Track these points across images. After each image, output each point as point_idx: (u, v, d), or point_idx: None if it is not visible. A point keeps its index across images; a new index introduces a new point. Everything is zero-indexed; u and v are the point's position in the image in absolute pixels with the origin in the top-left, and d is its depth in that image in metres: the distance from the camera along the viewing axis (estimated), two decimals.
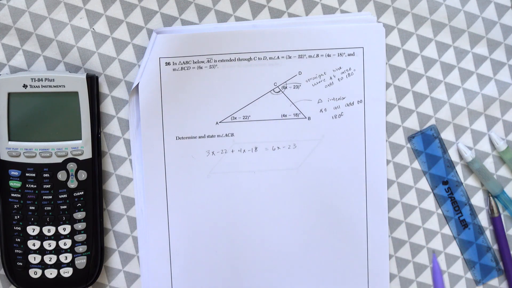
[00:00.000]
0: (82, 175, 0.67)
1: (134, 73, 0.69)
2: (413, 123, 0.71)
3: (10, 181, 0.66)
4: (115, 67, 0.68)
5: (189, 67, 0.68)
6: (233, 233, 0.70)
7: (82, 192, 0.67)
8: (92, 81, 0.66)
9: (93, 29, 0.68)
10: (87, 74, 0.66)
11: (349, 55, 0.69)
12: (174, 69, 0.68)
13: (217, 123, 0.69)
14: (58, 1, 0.68)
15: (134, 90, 0.68)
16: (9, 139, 0.66)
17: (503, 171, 0.73)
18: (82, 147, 0.67)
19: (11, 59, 0.68)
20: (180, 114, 0.68)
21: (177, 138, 0.69)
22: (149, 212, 0.69)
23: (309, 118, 0.70)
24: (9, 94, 0.65)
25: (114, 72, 0.69)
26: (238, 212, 0.70)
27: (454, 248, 0.73)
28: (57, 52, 0.68)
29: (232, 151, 0.69)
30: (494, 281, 0.73)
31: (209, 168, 0.69)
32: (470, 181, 0.72)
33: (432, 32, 0.71)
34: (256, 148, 0.70)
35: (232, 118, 0.69)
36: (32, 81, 0.65)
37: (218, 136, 0.69)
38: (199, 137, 0.69)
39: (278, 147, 0.70)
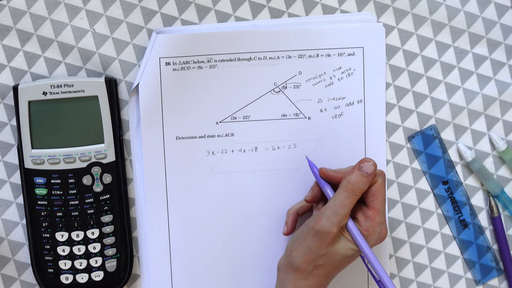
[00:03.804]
0: (107, 178, 0.67)
1: (134, 73, 0.69)
2: (413, 123, 0.71)
3: (36, 189, 0.67)
4: (115, 67, 0.69)
5: (189, 67, 0.68)
6: (233, 233, 0.70)
7: (108, 195, 0.67)
8: (111, 84, 0.67)
9: (93, 29, 0.68)
10: (105, 77, 0.67)
11: (349, 55, 0.69)
12: (174, 69, 0.68)
13: (217, 123, 0.69)
14: (58, 2, 0.68)
15: (134, 90, 0.68)
16: (32, 147, 0.66)
17: (503, 171, 0.73)
18: (105, 151, 0.67)
19: (11, 60, 0.68)
20: (180, 114, 0.68)
21: (177, 138, 0.69)
22: (149, 212, 0.69)
23: (309, 118, 0.70)
24: (29, 102, 0.66)
25: (114, 72, 0.69)
26: (238, 212, 0.70)
27: (454, 248, 0.72)
28: (57, 53, 0.68)
29: (232, 151, 0.69)
30: (494, 281, 0.73)
31: (209, 168, 0.69)
32: (470, 181, 0.72)
33: (432, 32, 0.71)
34: (256, 148, 0.70)
35: (232, 118, 0.69)
36: (51, 88, 0.65)
37: (218, 136, 0.69)
38: (199, 137, 0.69)
39: (278, 147, 0.70)
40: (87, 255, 0.68)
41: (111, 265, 0.68)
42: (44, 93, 0.66)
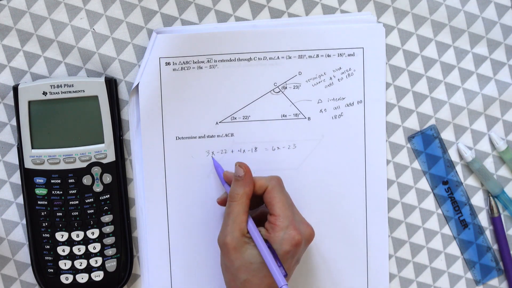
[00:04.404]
0: (107, 178, 0.67)
1: (134, 73, 0.69)
2: (413, 123, 0.71)
3: (36, 189, 0.67)
4: (115, 67, 0.69)
5: (189, 67, 0.68)
6: None
7: (108, 195, 0.67)
8: (111, 84, 0.67)
9: (93, 29, 0.68)
10: (105, 77, 0.67)
11: (349, 55, 0.69)
12: (174, 69, 0.68)
13: (217, 123, 0.69)
14: (58, 2, 0.68)
15: (134, 90, 0.68)
16: (32, 147, 0.66)
17: (503, 171, 0.73)
18: (105, 151, 0.67)
19: (11, 60, 0.68)
20: (180, 114, 0.68)
21: (177, 138, 0.69)
22: (149, 212, 0.69)
23: (309, 118, 0.70)
24: (29, 102, 0.66)
25: (114, 72, 0.69)
26: None
27: (454, 248, 0.72)
28: (57, 53, 0.68)
29: (232, 151, 0.69)
30: (494, 281, 0.73)
31: (209, 168, 0.69)
32: (470, 181, 0.72)
33: (432, 32, 0.71)
34: (256, 148, 0.70)
35: (232, 118, 0.69)
36: (51, 88, 0.65)
37: (218, 136, 0.69)
38: (199, 137, 0.69)
39: (278, 147, 0.70)
40: (87, 255, 0.68)
41: (111, 265, 0.68)
42: (44, 93, 0.66)
